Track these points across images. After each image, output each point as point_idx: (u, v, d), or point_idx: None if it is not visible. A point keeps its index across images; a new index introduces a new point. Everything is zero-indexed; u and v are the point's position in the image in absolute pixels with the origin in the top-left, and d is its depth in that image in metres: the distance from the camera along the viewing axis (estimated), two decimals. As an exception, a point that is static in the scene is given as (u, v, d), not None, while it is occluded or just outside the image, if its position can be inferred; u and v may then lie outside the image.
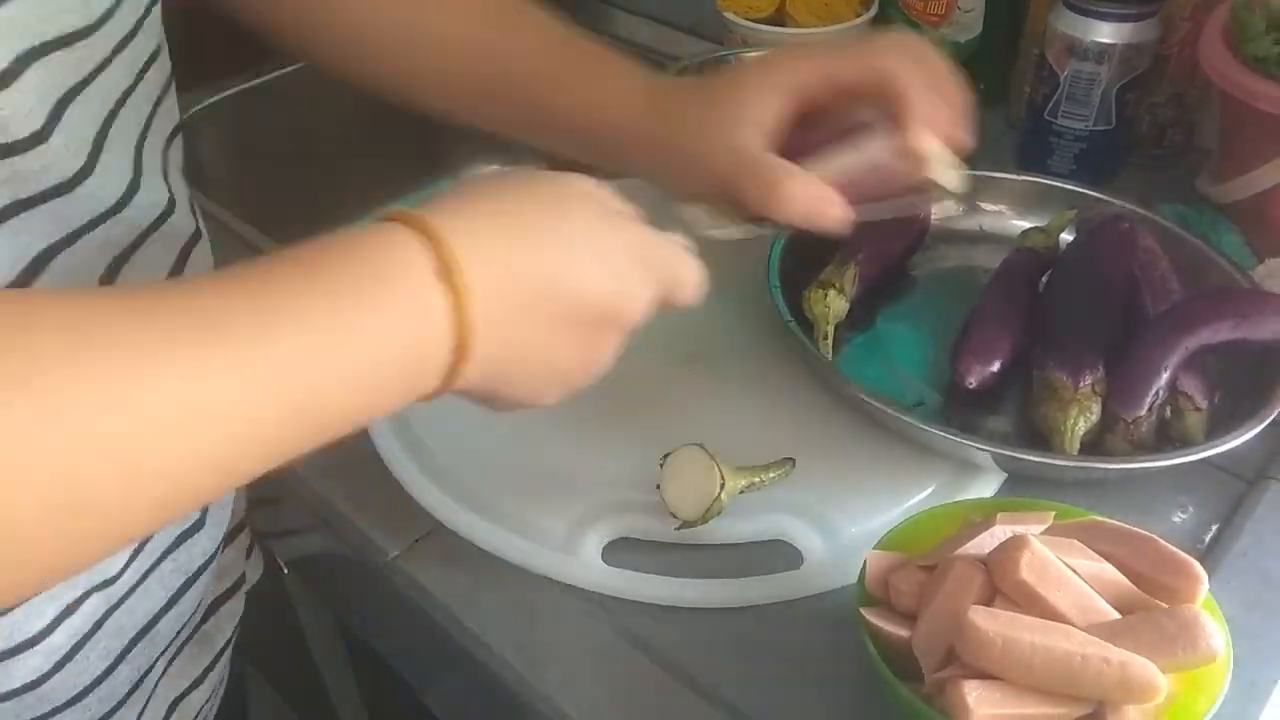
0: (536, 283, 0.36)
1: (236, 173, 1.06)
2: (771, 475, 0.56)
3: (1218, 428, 0.56)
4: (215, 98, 1.02)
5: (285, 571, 0.78)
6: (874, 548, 0.48)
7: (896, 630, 0.44)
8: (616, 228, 0.39)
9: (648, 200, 0.44)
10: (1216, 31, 0.69)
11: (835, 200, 0.49)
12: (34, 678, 0.44)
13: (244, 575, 0.62)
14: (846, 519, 0.55)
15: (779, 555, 0.55)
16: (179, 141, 0.48)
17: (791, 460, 0.56)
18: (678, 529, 0.53)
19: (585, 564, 0.54)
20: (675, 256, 0.42)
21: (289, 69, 1.06)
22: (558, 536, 0.55)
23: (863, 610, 0.45)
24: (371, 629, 0.70)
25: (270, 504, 0.66)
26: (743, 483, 0.54)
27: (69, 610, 0.44)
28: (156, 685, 0.54)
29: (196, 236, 0.48)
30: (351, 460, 0.61)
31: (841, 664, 0.49)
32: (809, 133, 0.52)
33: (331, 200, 1.12)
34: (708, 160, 0.50)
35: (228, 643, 0.61)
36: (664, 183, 0.54)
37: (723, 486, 0.52)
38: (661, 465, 0.54)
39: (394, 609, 0.59)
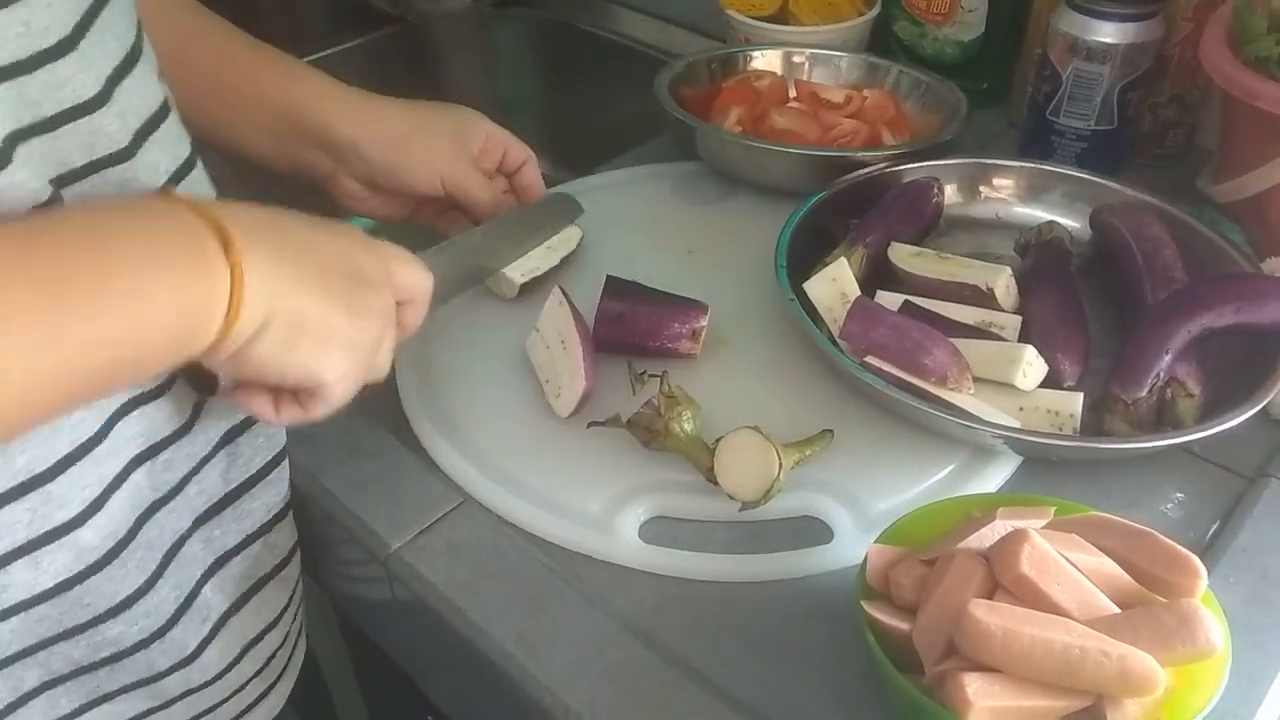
0: (298, 254, 0.43)
1: (232, 171, 1.06)
2: (816, 448, 0.57)
3: (1212, 415, 0.56)
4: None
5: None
6: (875, 541, 0.48)
7: (897, 623, 0.44)
8: (347, 229, 0.48)
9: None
10: (1218, 32, 0.69)
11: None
12: (65, 576, 0.45)
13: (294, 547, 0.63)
14: (873, 495, 0.57)
15: (808, 531, 0.55)
16: None
17: (830, 431, 0.58)
18: (741, 510, 0.55)
19: (623, 541, 0.55)
20: (395, 249, 0.50)
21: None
22: (594, 514, 0.56)
23: (864, 603, 0.45)
24: (372, 621, 0.70)
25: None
26: (795, 458, 0.56)
27: (95, 506, 0.45)
28: (225, 618, 0.55)
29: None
30: (354, 453, 0.61)
31: (841, 656, 0.50)
32: None
33: (327, 199, 1.13)
34: (443, 161, 0.67)
35: (294, 589, 0.62)
36: (379, 172, 0.66)
37: (781, 466, 0.53)
38: (714, 450, 0.54)
39: (395, 601, 0.59)
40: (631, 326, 0.64)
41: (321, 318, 0.43)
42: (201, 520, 0.53)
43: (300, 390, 0.46)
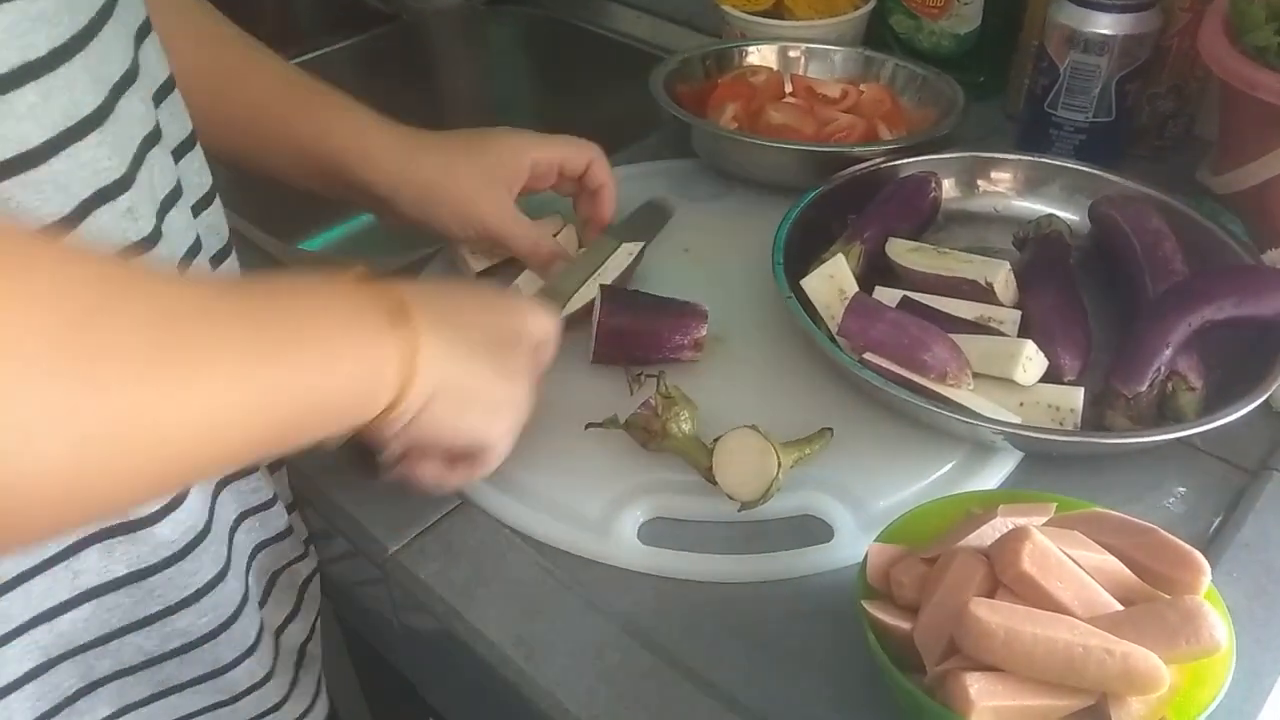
0: (462, 325, 0.47)
1: (237, 171, 1.05)
2: (815, 446, 0.57)
3: (1213, 408, 0.56)
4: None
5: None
6: (875, 540, 0.48)
7: (898, 623, 0.44)
8: (488, 294, 0.54)
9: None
10: (1216, 22, 0.69)
11: (564, 256, 0.69)
12: (139, 566, 0.46)
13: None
14: (873, 493, 0.56)
15: (808, 530, 0.55)
16: None
17: (829, 429, 0.58)
18: (740, 510, 0.54)
19: (621, 543, 0.54)
20: (527, 300, 0.57)
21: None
22: (592, 516, 0.56)
23: (864, 603, 0.45)
24: (371, 624, 0.70)
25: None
26: (794, 456, 0.55)
27: (175, 503, 0.46)
28: (262, 609, 0.56)
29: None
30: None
31: (842, 656, 0.49)
32: None
33: (334, 201, 1.12)
34: (477, 209, 0.65)
35: (308, 579, 0.62)
36: (415, 218, 0.65)
37: (780, 465, 0.53)
38: (711, 449, 0.54)
39: (394, 605, 0.58)
40: (631, 342, 0.63)
41: (487, 384, 0.47)
42: (246, 512, 0.53)
43: (466, 452, 0.50)
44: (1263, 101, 0.64)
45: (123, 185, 0.40)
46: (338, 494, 0.59)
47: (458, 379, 0.45)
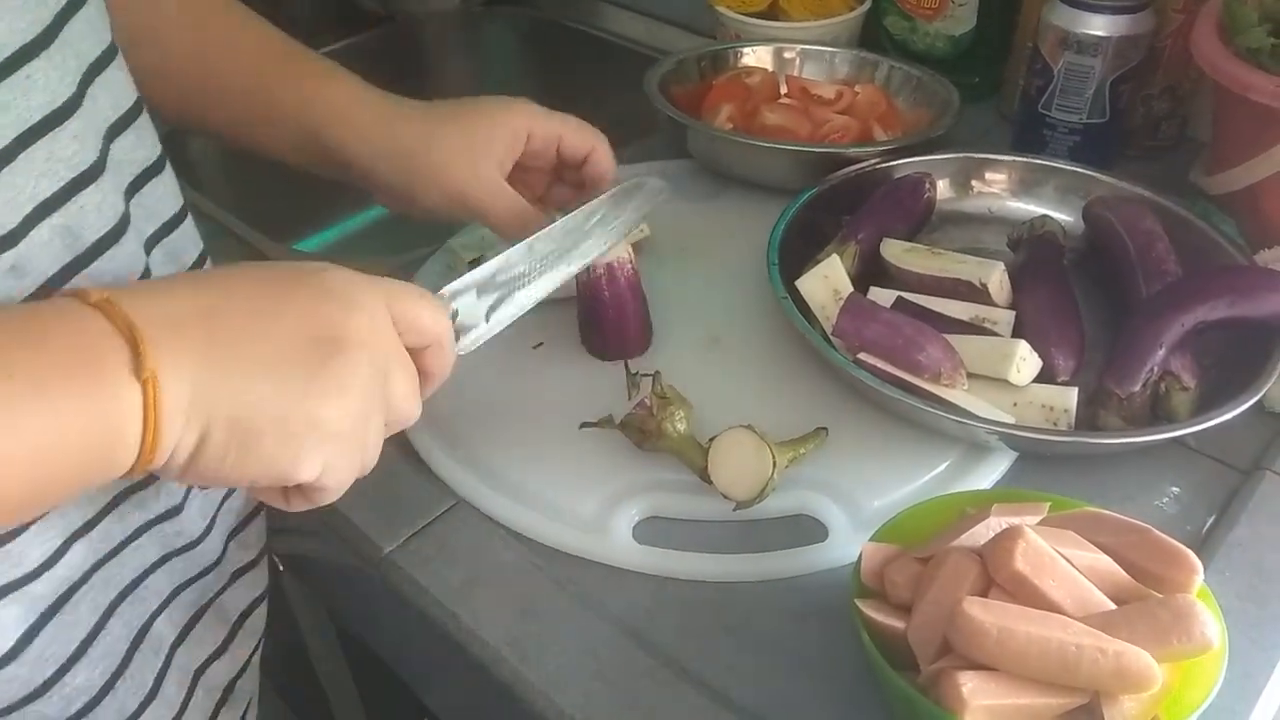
0: (237, 344, 0.37)
1: (232, 172, 1.05)
2: (810, 446, 0.57)
3: (1207, 408, 0.56)
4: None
5: (280, 569, 0.77)
6: (869, 539, 0.48)
7: (892, 622, 0.44)
8: (328, 274, 0.41)
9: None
10: (1209, 23, 0.69)
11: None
12: (23, 630, 0.42)
13: (266, 545, 0.61)
14: (867, 493, 0.56)
15: (802, 530, 0.55)
16: None
17: (824, 429, 0.58)
18: (735, 510, 0.54)
19: (616, 542, 0.54)
20: (395, 286, 0.43)
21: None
22: (587, 515, 0.56)
23: (858, 602, 0.45)
24: (366, 625, 0.70)
25: (263, 502, 0.66)
26: (789, 456, 0.55)
27: (53, 559, 0.42)
28: (172, 652, 0.52)
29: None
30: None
31: (837, 655, 0.49)
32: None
33: (330, 201, 1.12)
34: (455, 179, 0.59)
35: (245, 613, 0.58)
36: (399, 193, 0.61)
37: (775, 465, 0.53)
38: (707, 449, 0.54)
39: (388, 605, 0.58)
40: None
41: (278, 412, 0.37)
42: (171, 554, 0.50)
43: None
44: (1255, 103, 0.64)
45: (7, 243, 0.38)
46: (332, 494, 0.59)
47: (233, 413, 0.37)
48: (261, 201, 0.94)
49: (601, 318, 0.64)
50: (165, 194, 0.48)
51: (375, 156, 0.60)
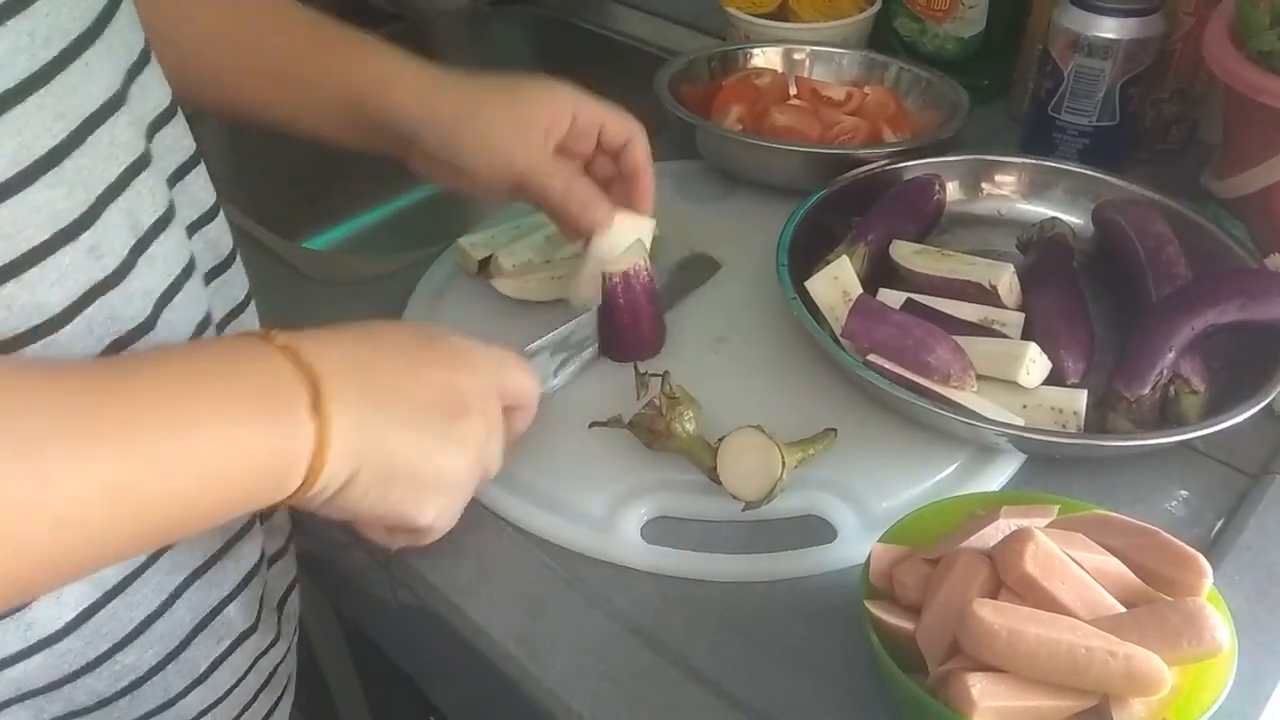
0: (390, 397, 0.43)
1: (242, 171, 1.06)
2: (819, 446, 0.57)
3: (1216, 412, 0.56)
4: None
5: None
6: (878, 540, 0.48)
7: (901, 623, 0.44)
8: (448, 346, 0.47)
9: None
10: (1221, 26, 0.69)
11: (604, 205, 0.62)
12: (85, 605, 0.43)
13: (292, 532, 0.61)
14: (876, 494, 0.56)
15: (811, 530, 0.55)
16: None
17: (833, 430, 0.58)
18: (743, 510, 0.54)
19: (625, 541, 0.55)
20: (505, 355, 0.50)
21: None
22: (596, 514, 0.56)
23: (867, 603, 0.45)
24: (373, 622, 0.70)
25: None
26: (798, 456, 0.55)
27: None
28: (241, 640, 0.53)
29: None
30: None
31: (845, 656, 0.49)
32: None
33: (340, 199, 1.13)
34: (503, 147, 0.60)
35: (283, 599, 0.59)
36: (444, 163, 0.61)
37: (784, 465, 0.53)
38: (716, 449, 0.54)
39: (395, 602, 0.59)
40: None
41: (412, 463, 0.44)
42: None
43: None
44: (1267, 106, 0.64)
45: (83, 225, 0.38)
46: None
47: (380, 458, 0.42)
48: (272, 200, 0.95)
49: (617, 323, 0.64)
50: (203, 185, 0.49)
51: (422, 124, 0.60)
